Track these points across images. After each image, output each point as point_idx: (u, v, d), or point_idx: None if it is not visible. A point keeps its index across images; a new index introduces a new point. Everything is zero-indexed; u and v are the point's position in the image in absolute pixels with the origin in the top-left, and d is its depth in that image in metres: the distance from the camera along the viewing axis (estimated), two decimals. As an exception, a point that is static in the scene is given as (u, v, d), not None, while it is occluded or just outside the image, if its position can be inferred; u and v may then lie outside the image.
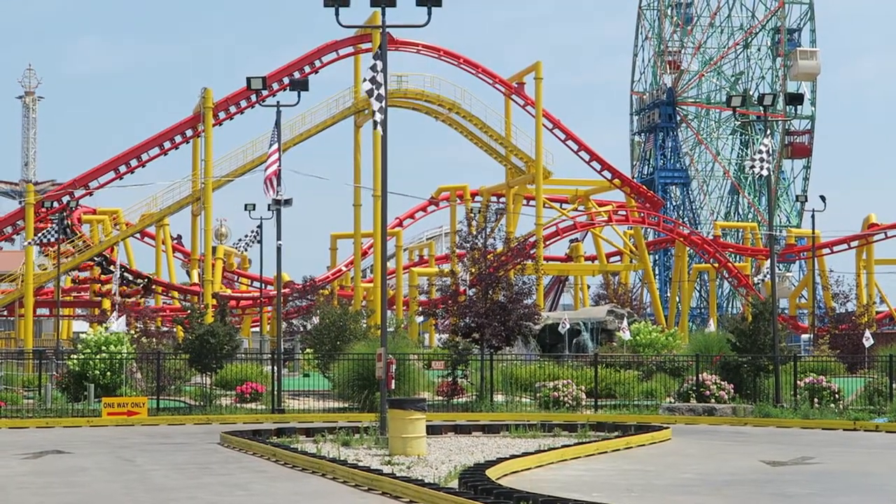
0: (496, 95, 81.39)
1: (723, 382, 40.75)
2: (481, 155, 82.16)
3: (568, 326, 52.08)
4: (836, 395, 40.42)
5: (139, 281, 72.60)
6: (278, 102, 42.68)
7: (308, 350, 51.87)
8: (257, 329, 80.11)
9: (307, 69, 72.39)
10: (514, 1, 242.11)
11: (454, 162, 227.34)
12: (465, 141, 79.99)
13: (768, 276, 68.41)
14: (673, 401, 41.36)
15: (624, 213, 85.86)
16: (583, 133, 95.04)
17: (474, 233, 46.31)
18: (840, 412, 38.97)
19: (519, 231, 78.49)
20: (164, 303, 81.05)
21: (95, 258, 72.54)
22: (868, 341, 49.76)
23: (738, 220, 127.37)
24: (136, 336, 51.98)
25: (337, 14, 32.05)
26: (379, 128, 31.44)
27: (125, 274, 71.42)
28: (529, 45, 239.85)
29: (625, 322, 52.80)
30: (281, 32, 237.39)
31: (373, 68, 31.26)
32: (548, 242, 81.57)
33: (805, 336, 71.93)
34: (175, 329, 63.04)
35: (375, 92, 30.90)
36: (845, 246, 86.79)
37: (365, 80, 31.46)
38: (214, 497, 21.09)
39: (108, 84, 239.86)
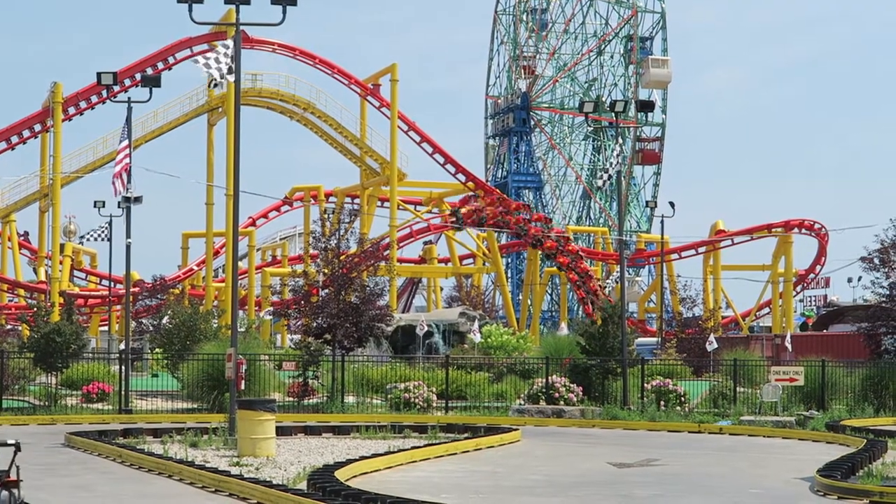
0: (352, 97, 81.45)
1: (572, 385, 41.17)
2: (336, 156, 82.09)
3: (426, 328, 52.21)
4: (682, 398, 41.16)
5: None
6: (129, 98, 41.96)
7: (157, 350, 51.17)
8: (106, 328, 78.82)
9: (160, 66, 71.33)
10: (371, 4, 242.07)
11: (309, 162, 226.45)
12: (321, 141, 79.82)
13: (615, 281, 69.46)
14: (523, 403, 41.66)
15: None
16: (438, 136, 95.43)
17: (328, 233, 46.29)
18: (685, 415, 39.70)
19: (373, 232, 78.57)
20: (9, 300, 79.31)
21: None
22: (711, 345, 50.66)
23: (589, 225, 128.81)
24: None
25: (190, 10, 31.62)
26: (222, 89, 31.21)
27: None
28: (387, 47, 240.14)
29: (475, 324, 53.01)
30: (135, 28, 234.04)
31: (216, 51, 31.07)
32: (401, 244, 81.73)
33: (641, 340, 72.33)
34: (20, 327, 61.73)
35: (217, 71, 30.66)
36: (693, 252, 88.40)
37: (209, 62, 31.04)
38: (57, 499, 20.69)
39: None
